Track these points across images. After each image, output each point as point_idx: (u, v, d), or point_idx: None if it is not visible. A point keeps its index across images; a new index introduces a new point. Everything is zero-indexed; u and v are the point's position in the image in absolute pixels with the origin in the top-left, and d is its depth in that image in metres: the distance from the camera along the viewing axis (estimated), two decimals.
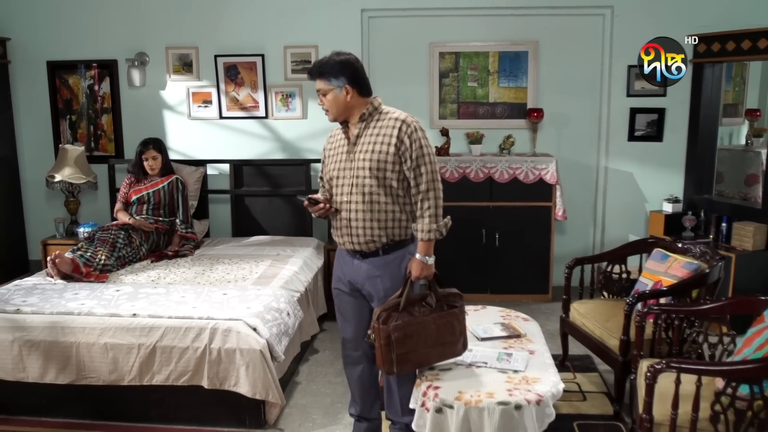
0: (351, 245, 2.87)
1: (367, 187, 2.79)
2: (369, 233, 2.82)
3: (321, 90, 2.83)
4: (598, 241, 5.67)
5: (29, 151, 5.90)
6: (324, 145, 3.07)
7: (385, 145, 2.77)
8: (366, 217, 2.81)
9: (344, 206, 2.85)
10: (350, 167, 2.83)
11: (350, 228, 2.84)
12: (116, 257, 4.46)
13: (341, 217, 2.87)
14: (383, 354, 2.71)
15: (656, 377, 2.51)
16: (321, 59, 2.86)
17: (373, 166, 2.77)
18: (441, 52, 5.56)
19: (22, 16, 5.66)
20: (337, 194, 2.89)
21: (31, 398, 3.56)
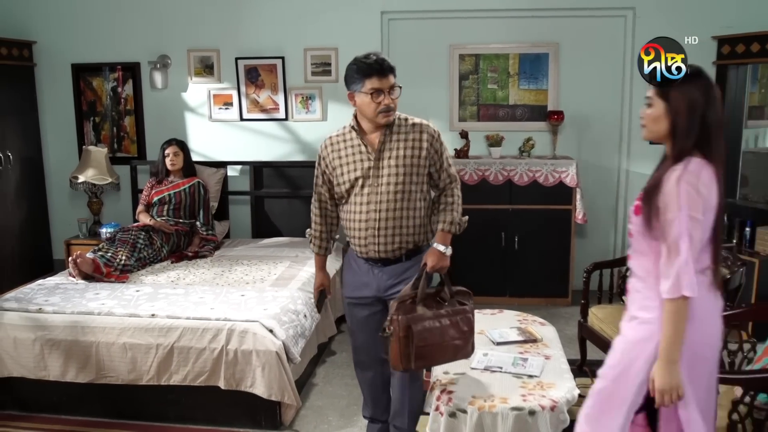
0: (376, 253, 2.81)
1: (399, 193, 2.75)
2: (398, 240, 2.80)
3: (393, 86, 2.69)
4: (619, 245, 5.62)
5: (54, 153, 6.00)
6: (322, 154, 2.90)
7: (417, 149, 2.76)
8: (396, 224, 2.78)
9: (371, 215, 2.78)
10: (377, 174, 2.75)
11: (377, 236, 2.78)
12: (137, 258, 4.52)
13: (366, 226, 2.79)
14: (401, 348, 2.59)
15: None
16: (381, 56, 2.70)
17: (407, 171, 2.74)
18: (461, 54, 5.54)
19: (48, 20, 5.76)
20: (357, 203, 2.80)
21: (52, 396, 3.62)
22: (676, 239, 1.94)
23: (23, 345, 3.55)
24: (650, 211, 2.01)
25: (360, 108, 2.75)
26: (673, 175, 1.96)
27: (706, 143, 2.01)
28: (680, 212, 1.93)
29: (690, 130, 2.00)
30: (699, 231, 1.95)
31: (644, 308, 2.09)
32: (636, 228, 2.10)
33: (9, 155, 5.45)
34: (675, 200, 1.94)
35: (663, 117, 2.06)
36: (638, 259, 2.12)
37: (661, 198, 1.98)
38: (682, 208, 1.93)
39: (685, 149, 2.00)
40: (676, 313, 1.95)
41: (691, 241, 1.94)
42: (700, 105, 2.01)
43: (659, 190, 1.99)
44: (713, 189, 1.98)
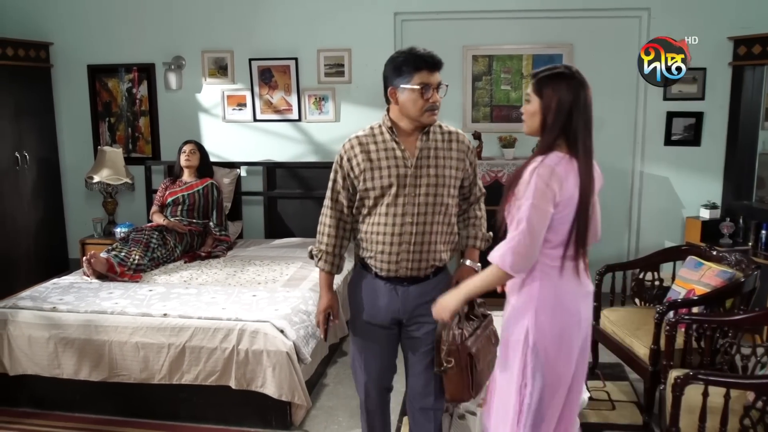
0: (408, 271, 2.52)
1: (438, 206, 2.49)
2: (432, 256, 2.53)
3: (441, 83, 2.45)
4: (633, 247, 5.58)
5: (70, 153, 6.06)
6: (346, 155, 2.54)
7: (455, 160, 2.53)
8: (433, 240, 2.50)
9: (406, 227, 2.47)
10: (415, 183, 2.46)
11: (412, 252, 2.49)
12: (150, 258, 4.55)
13: (401, 241, 2.48)
14: (461, 379, 2.43)
15: (683, 388, 2.46)
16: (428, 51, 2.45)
17: (446, 183, 2.50)
18: (474, 55, 5.53)
19: (64, 22, 5.82)
20: (389, 213, 2.47)
21: (65, 394, 3.66)
22: (516, 222, 2.11)
23: (37, 343, 3.59)
24: (510, 198, 2.19)
25: (403, 105, 2.43)
26: (531, 166, 2.13)
27: (573, 140, 2.14)
28: (526, 200, 2.09)
29: (555, 126, 2.14)
30: (542, 220, 2.10)
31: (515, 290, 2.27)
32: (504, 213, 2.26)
33: (26, 155, 5.51)
34: (524, 189, 2.11)
35: (537, 113, 2.19)
36: None
37: (518, 186, 2.15)
38: (529, 197, 2.09)
39: (549, 143, 2.16)
40: (491, 276, 2.20)
41: (529, 226, 2.09)
42: (567, 103, 2.13)
43: (519, 178, 2.16)
44: (570, 183, 2.12)
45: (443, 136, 2.55)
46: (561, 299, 2.20)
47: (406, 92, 2.40)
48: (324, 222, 2.63)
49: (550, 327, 2.19)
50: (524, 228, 2.08)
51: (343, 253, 2.66)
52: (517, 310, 2.23)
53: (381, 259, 2.51)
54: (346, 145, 2.54)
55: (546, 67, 2.22)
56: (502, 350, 2.34)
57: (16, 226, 5.47)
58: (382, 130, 2.52)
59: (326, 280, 2.70)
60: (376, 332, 2.61)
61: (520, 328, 2.21)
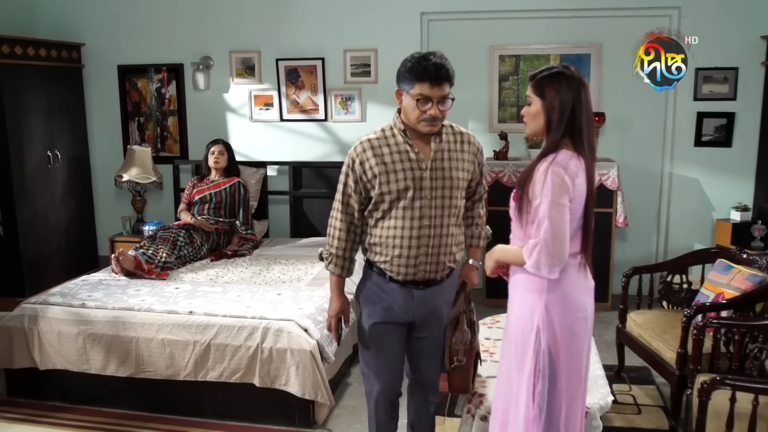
0: (425, 273, 2.49)
1: (453, 208, 2.49)
2: (448, 258, 2.53)
3: (445, 97, 2.41)
4: (661, 249, 5.50)
5: (100, 152, 6.16)
6: (357, 158, 2.48)
7: (468, 162, 2.53)
8: (449, 242, 2.50)
9: (424, 230, 2.45)
10: (432, 186, 2.44)
11: (430, 255, 2.47)
12: (177, 256, 4.60)
13: (419, 244, 2.45)
14: (468, 375, 2.60)
15: (710, 393, 2.42)
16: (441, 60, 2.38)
17: (459, 185, 2.49)
18: (501, 55, 5.50)
19: (96, 23, 5.92)
20: (405, 217, 2.44)
21: (93, 389, 3.72)
22: (539, 222, 2.12)
23: (67, 338, 3.65)
24: (522, 199, 2.21)
25: (404, 109, 2.45)
26: (542, 166, 2.15)
27: (578, 137, 2.18)
28: (545, 198, 2.11)
29: (560, 125, 2.17)
30: (563, 216, 2.12)
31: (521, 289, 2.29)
32: (512, 213, 2.30)
33: (57, 154, 5.61)
34: (541, 188, 2.13)
35: (540, 113, 2.21)
36: (515, 243, 2.32)
37: (531, 186, 2.17)
38: (547, 194, 2.11)
39: (556, 142, 2.18)
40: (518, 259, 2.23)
41: (552, 224, 2.10)
42: (570, 101, 2.16)
43: (531, 179, 2.18)
44: (580, 180, 2.16)
45: (455, 137, 2.54)
46: (570, 295, 2.23)
47: (407, 98, 2.41)
48: (334, 225, 2.57)
49: (560, 325, 2.20)
50: (548, 227, 2.10)
51: (353, 256, 2.62)
52: (525, 309, 2.24)
53: (398, 263, 2.47)
54: (358, 148, 2.49)
55: (544, 68, 2.24)
56: (508, 350, 2.33)
57: (48, 224, 5.57)
58: (394, 132, 2.48)
59: (337, 284, 2.65)
60: (390, 332, 2.58)
61: (530, 328, 2.22)
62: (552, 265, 2.12)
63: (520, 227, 2.27)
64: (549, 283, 2.19)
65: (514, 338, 2.28)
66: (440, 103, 2.39)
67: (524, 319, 2.24)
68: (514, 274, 2.34)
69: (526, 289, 2.25)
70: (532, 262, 2.14)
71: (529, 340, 2.22)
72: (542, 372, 2.20)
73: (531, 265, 2.15)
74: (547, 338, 2.19)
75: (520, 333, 2.25)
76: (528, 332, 2.22)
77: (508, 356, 2.33)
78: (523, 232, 2.25)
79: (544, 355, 2.19)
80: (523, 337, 2.24)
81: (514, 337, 2.28)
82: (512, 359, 2.30)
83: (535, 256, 2.13)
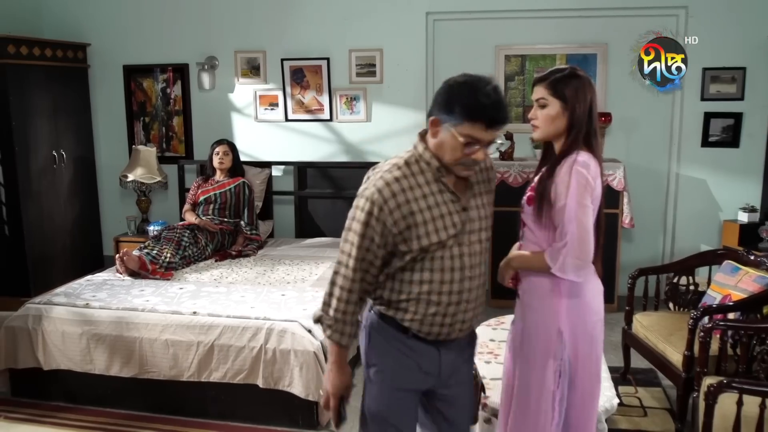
0: (459, 332, 2.09)
1: (486, 252, 2.11)
2: (482, 308, 2.17)
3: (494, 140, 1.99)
4: (668, 250, 5.47)
5: (105, 152, 6.17)
6: (384, 208, 1.94)
7: (491, 193, 2.17)
8: (483, 291, 2.13)
9: (465, 283, 2.02)
10: (471, 229, 2.03)
11: (467, 311, 2.06)
12: (182, 256, 4.60)
13: (459, 299, 2.02)
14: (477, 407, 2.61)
15: (716, 397, 2.40)
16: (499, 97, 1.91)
17: (491, 221, 2.14)
18: (507, 55, 5.48)
19: (101, 23, 5.93)
20: (445, 269, 1.99)
21: (97, 389, 3.72)
22: (565, 224, 2.06)
23: (71, 339, 3.65)
24: (542, 201, 2.12)
25: (440, 144, 1.97)
26: (565, 166, 2.09)
27: (593, 137, 2.16)
28: (570, 200, 2.05)
29: (582, 126, 2.13)
30: (589, 216, 2.08)
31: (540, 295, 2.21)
32: (528, 218, 2.21)
33: (63, 154, 5.62)
34: (565, 189, 2.07)
35: (561, 115, 2.14)
36: (530, 248, 2.23)
37: (553, 188, 2.11)
38: (572, 196, 2.06)
39: (577, 143, 2.13)
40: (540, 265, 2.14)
41: (579, 225, 2.05)
42: (589, 101, 2.14)
43: (552, 181, 2.11)
44: (599, 180, 2.14)
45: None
46: (588, 298, 2.19)
47: (449, 134, 1.93)
48: (341, 285, 2.00)
49: (582, 329, 2.16)
50: (574, 229, 2.05)
51: (359, 319, 2.10)
52: (547, 315, 2.18)
53: (432, 321, 2.02)
54: (385, 193, 1.94)
55: (554, 69, 2.19)
56: (524, 359, 2.24)
57: (53, 223, 5.58)
58: (422, 167, 2.00)
59: (339, 354, 2.08)
60: (405, 399, 2.12)
61: (552, 333, 2.16)
62: (579, 268, 2.08)
63: (539, 231, 2.18)
64: (570, 287, 2.14)
65: (534, 345, 2.20)
66: (487, 146, 1.98)
67: (546, 325, 2.18)
68: (528, 280, 2.24)
69: (545, 294, 2.18)
70: (559, 265, 2.08)
71: (551, 345, 2.16)
72: (563, 377, 2.16)
73: (558, 269, 2.08)
74: (569, 343, 2.15)
75: (542, 340, 2.18)
76: (550, 338, 2.16)
77: (525, 364, 2.24)
78: (543, 236, 2.17)
79: (566, 361, 2.16)
80: (546, 343, 2.17)
81: (534, 344, 2.20)
82: (530, 366, 2.21)
83: (561, 260, 2.07)
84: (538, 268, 2.17)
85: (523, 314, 2.26)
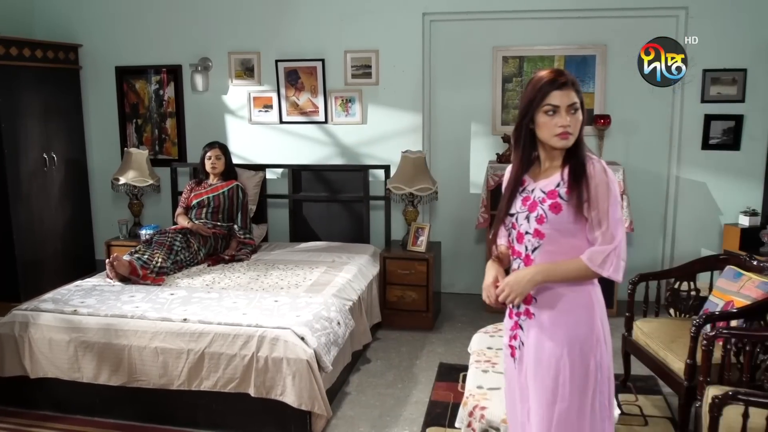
0: None
1: None
2: None
3: None
4: (667, 254, 5.39)
5: (97, 154, 6.09)
6: None
7: None
8: None
9: None
10: None
11: None
12: (173, 261, 4.51)
13: None
14: None
15: (721, 409, 2.32)
16: None
17: None
18: (504, 56, 5.40)
19: (93, 24, 5.85)
20: None
21: (85, 398, 3.62)
22: (612, 225, 2.00)
23: (58, 346, 3.57)
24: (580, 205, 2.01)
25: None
26: (595, 167, 2.03)
27: None
28: (613, 200, 2.01)
29: None
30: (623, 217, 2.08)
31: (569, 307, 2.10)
32: (550, 227, 2.06)
33: (54, 157, 5.54)
34: (606, 190, 2.00)
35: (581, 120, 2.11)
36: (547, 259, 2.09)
37: (592, 190, 2.00)
38: (615, 196, 2.02)
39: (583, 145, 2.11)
40: (577, 273, 2.03)
41: (623, 226, 2.03)
42: None
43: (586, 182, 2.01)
44: None
45: None
46: (604, 304, 2.15)
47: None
48: None
49: (608, 336, 2.12)
50: (622, 231, 2.02)
51: None
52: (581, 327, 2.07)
53: None
54: None
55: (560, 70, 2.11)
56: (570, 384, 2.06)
57: (44, 227, 5.49)
58: None
59: None
60: None
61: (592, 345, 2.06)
62: (623, 269, 2.03)
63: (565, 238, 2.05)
64: (598, 294, 2.11)
65: (570, 360, 2.05)
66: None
67: (582, 338, 2.05)
68: (547, 294, 2.10)
69: (576, 305, 2.07)
70: (613, 268, 2.00)
71: (590, 358, 2.05)
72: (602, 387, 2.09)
73: (611, 273, 2.00)
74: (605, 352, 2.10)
75: (578, 353, 2.05)
76: (588, 351, 2.05)
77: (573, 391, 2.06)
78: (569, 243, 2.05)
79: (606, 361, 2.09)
80: (583, 358, 2.05)
81: (570, 359, 2.05)
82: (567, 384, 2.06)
83: (614, 262, 2.00)
84: (573, 277, 2.05)
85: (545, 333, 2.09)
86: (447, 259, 5.58)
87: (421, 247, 4.91)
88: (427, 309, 4.90)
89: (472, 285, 5.49)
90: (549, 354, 2.08)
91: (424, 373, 4.16)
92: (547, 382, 2.08)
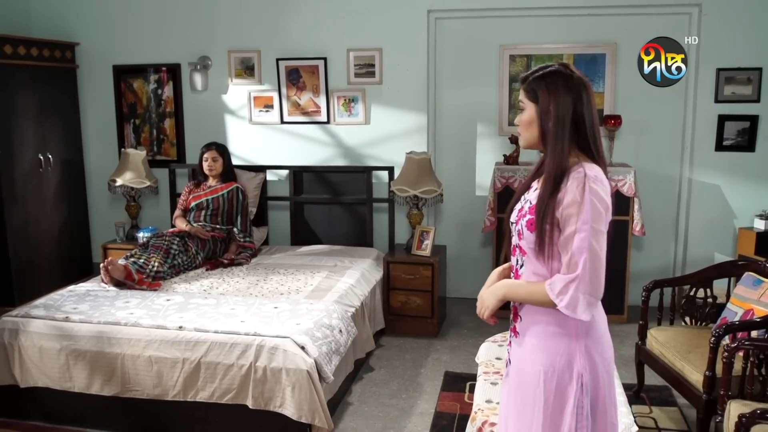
0: None
1: None
2: None
3: None
4: (680, 259, 5.24)
5: (94, 155, 5.96)
6: None
7: None
8: None
9: None
10: None
11: None
12: (170, 265, 4.38)
13: None
14: None
15: (749, 428, 2.17)
16: None
17: None
18: (511, 55, 5.26)
19: (90, 22, 5.72)
20: None
21: (77, 408, 3.50)
22: (575, 254, 1.73)
23: (48, 355, 3.44)
24: (544, 225, 1.78)
25: None
26: (573, 182, 1.75)
27: (592, 144, 1.83)
28: (582, 225, 1.73)
29: (562, 132, 1.80)
30: (604, 243, 1.76)
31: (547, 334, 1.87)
32: (527, 245, 1.86)
33: (50, 157, 5.41)
34: (577, 211, 1.73)
35: (534, 120, 1.84)
36: (528, 277, 1.89)
37: (560, 210, 1.76)
38: (586, 220, 1.73)
39: (564, 153, 1.79)
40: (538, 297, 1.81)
41: (592, 256, 1.73)
42: (571, 103, 1.80)
43: (555, 200, 1.76)
44: (609, 195, 1.80)
45: None
46: (602, 331, 1.90)
47: None
48: None
49: (601, 367, 1.84)
50: (587, 260, 1.73)
51: None
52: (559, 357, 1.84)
53: None
54: None
55: (537, 67, 1.88)
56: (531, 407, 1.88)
57: (39, 229, 5.36)
58: None
59: None
60: None
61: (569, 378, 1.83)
62: (590, 305, 1.75)
63: (539, 262, 1.86)
64: (584, 323, 1.83)
65: (545, 393, 1.85)
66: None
67: (560, 370, 1.83)
68: (529, 316, 1.91)
69: (555, 333, 1.84)
70: (567, 301, 1.74)
71: (569, 391, 1.82)
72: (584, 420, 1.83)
73: (566, 306, 1.74)
74: (590, 385, 1.83)
75: (554, 387, 1.84)
76: (566, 383, 1.82)
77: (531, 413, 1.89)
78: (546, 266, 1.84)
79: (585, 405, 1.83)
80: (559, 389, 1.83)
81: (545, 391, 1.85)
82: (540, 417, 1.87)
83: (570, 294, 1.73)
84: (535, 301, 1.85)
85: (522, 356, 1.93)
86: (452, 263, 5.43)
87: (426, 251, 4.78)
88: (432, 315, 4.76)
89: (478, 290, 5.29)
90: (528, 378, 1.89)
91: (429, 382, 4.02)
92: (523, 410, 1.91)
